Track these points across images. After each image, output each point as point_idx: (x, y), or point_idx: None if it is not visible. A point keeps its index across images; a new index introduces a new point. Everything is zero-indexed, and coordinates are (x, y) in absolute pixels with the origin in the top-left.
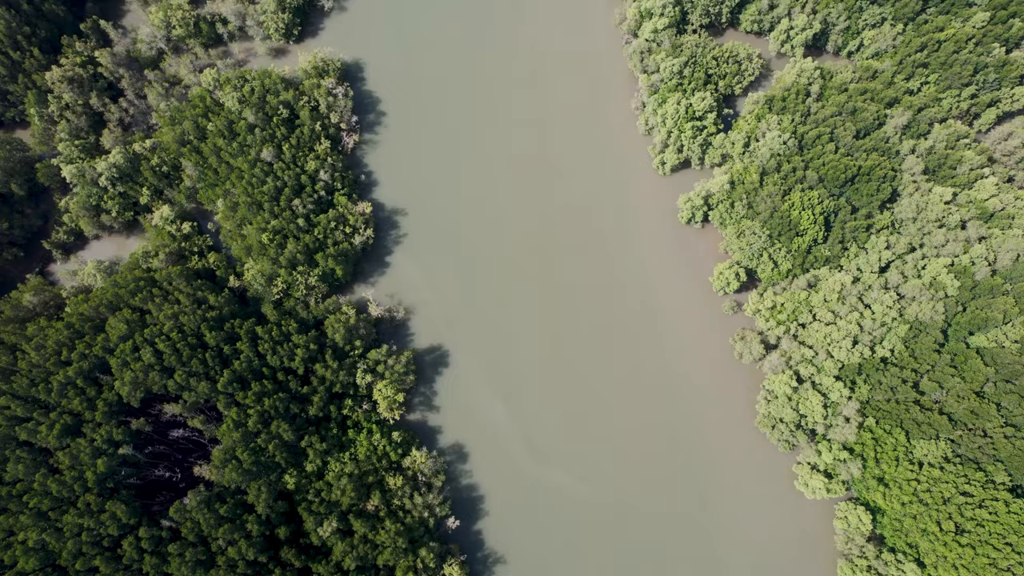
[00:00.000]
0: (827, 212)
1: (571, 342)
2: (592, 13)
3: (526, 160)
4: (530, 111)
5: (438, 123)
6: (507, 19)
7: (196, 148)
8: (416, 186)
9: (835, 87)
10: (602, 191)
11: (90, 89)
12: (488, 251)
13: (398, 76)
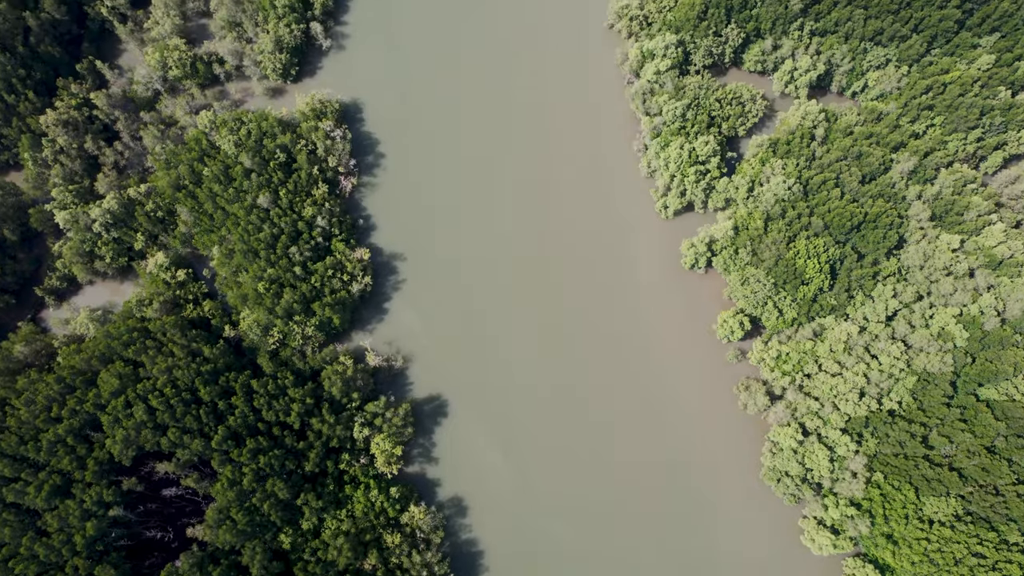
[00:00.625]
0: (833, 260)
1: (572, 390)
2: (594, 52)
3: (526, 204)
4: (530, 153)
5: (437, 164)
6: (507, 58)
7: (191, 193)
8: (415, 230)
9: (840, 130)
10: (604, 235)
11: (85, 132)
12: (487, 297)
13: (397, 116)
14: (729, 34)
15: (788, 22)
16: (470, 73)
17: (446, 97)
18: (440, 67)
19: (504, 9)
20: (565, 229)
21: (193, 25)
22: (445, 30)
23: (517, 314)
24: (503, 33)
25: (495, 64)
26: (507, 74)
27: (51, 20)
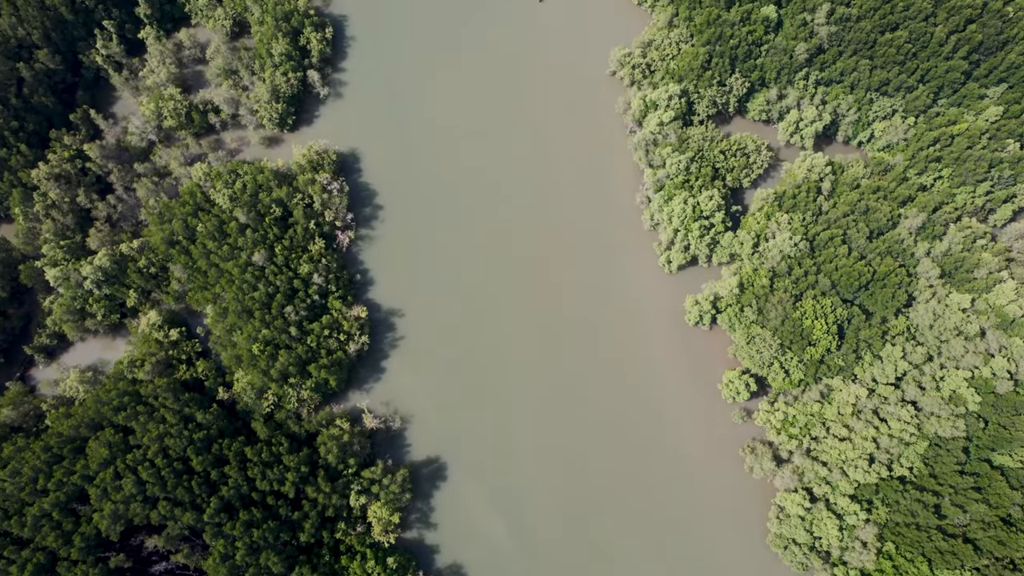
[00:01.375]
0: (840, 320)
1: (574, 451)
2: (595, 100)
3: (527, 258)
4: (532, 204)
5: (436, 217)
6: (507, 106)
7: (185, 249)
8: (414, 284)
9: (847, 183)
10: (606, 290)
11: (78, 185)
12: (488, 354)
13: (395, 166)
14: (733, 84)
15: (793, 72)
16: (469, 121)
17: (445, 147)
18: (439, 116)
19: (504, 56)
20: (567, 283)
21: (189, 72)
22: (444, 77)
23: (518, 372)
24: (503, 81)
25: (495, 112)
26: (507, 122)
27: (45, 70)
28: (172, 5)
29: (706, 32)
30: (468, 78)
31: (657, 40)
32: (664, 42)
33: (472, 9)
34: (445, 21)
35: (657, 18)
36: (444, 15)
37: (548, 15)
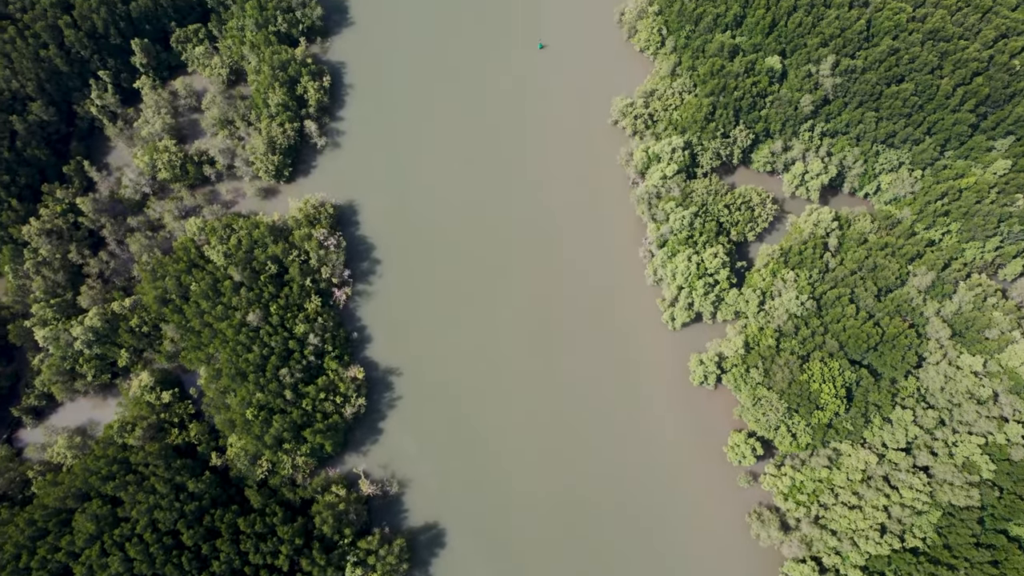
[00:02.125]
0: (849, 383)
1: (576, 516)
2: (597, 150)
3: (528, 313)
4: (533, 257)
5: (435, 271)
6: (508, 156)
7: (178, 308)
8: (412, 342)
9: (854, 238)
10: (608, 346)
11: (70, 240)
12: (487, 415)
13: (394, 218)
14: (737, 135)
15: (798, 123)
16: (468, 172)
17: (444, 198)
18: (438, 166)
19: (504, 104)
20: (568, 339)
21: (184, 121)
22: (443, 126)
23: (518, 432)
24: (503, 130)
25: (494, 162)
26: (508, 173)
27: (39, 122)
28: (168, 53)
29: (709, 83)
30: (468, 127)
31: (660, 90)
32: (667, 92)
33: (472, 56)
34: (445, 68)
35: (659, 66)
36: (444, 62)
37: (549, 62)
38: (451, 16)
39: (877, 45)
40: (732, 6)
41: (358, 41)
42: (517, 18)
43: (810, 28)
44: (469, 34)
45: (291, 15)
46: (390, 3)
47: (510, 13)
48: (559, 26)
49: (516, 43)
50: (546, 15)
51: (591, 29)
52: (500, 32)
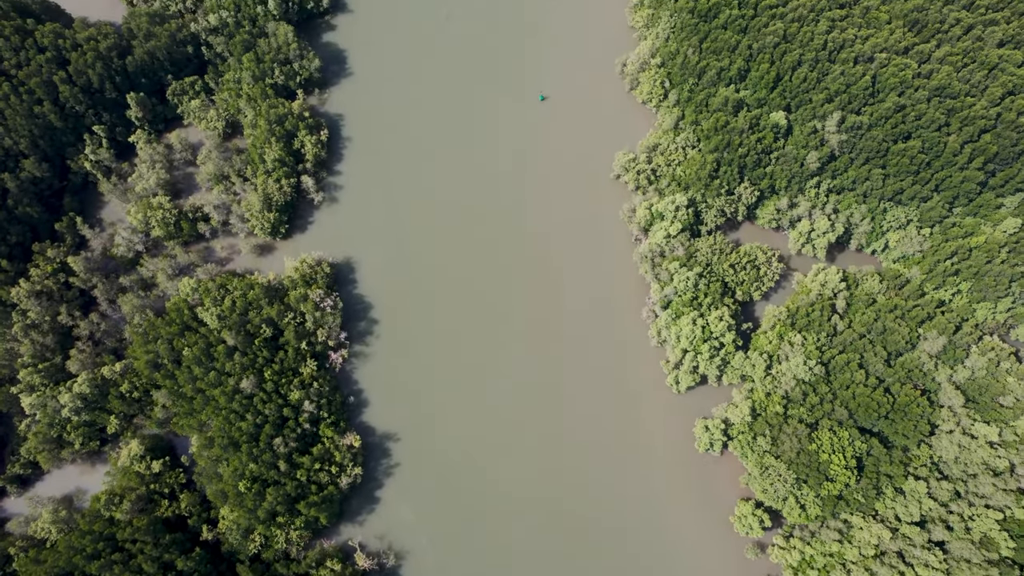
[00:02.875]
0: (859, 454)
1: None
2: (599, 204)
3: (527, 373)
4: (534, 316)
5: (435, 331)
6: (510, 209)
7: (170, 373)
8: (410, 406)
9: (862, 299)
10: (611, 409)
11: (60, 301)
12: (488, 483)
13: (391, 277)
14: (742, 192)
15: (804, 180)
16: (469, 227)
17: (443, 255)
18: (437, 221)
19: (505, 158)
20: (570, 404)
21: (180, 174)
22: (444, 180)
23: (519, 501)
24: (504, 184)
25: (495, 217)
26: (508, 228)
27: (31, 178)
28: (164, 106)
29: (713, 139)
30: (467, 180)
31: (663, 144)
32: (670, 147)
33: (472, 107)
34: (444, 120)
35: (662, 119)
36: (443, 113)
37: (550, 113)
38: (451, 67)
39: (883, 101)
40: (736, 60)
41: (357, 92)
42: (518, 69)
43: (815, 83)
44: (469, 85)
45: (288, 67)
46: (389, 53)
47: (511, 64)
48: (560, 77)
49: (517, 94)
50: (547, 65)
51: (593, 80)
52: (501, 83)
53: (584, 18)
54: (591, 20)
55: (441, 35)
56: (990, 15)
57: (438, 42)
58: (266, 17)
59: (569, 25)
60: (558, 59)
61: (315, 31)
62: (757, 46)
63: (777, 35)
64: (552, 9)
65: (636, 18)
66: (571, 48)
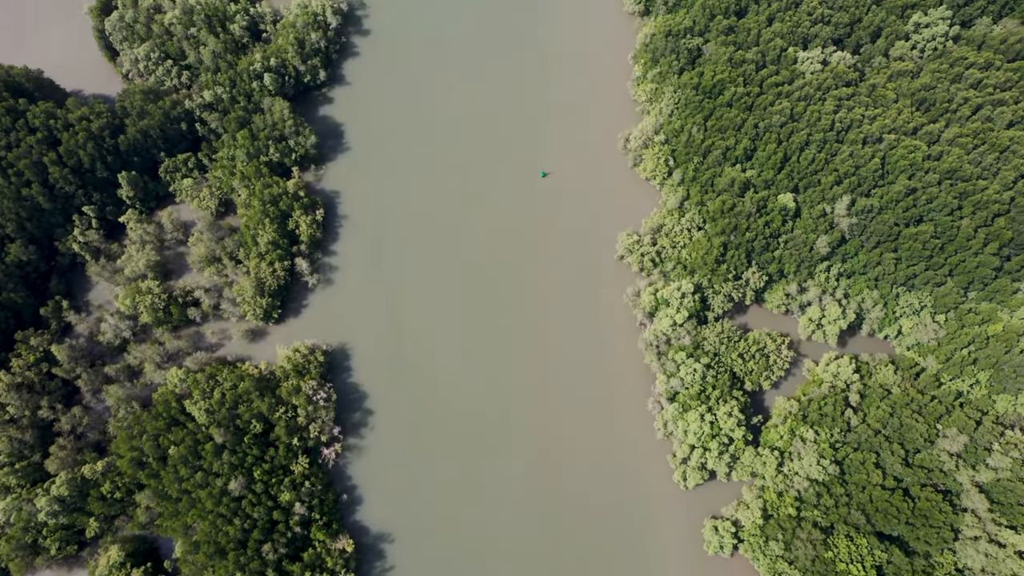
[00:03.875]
0: (880, 563)
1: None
2: (603, 285)
3: (528, 467)
4: (532, 404)
5: (432, 424)
6: (509, 294)
7: (155, 472)
8: (407, 503)
9: (876, 391)
10: (615, 506)
11: (41, 394)
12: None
13: (387, 365)
14: (750, 277)
15: (813, 264)
16: (468, 311)
17: (441, 341)
18: (435, 305)
19: (505, 237)
20: (572, 501)
21: (171, 254)
22: (442, 261)
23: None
24: (504, 264)
25: (494, 300)
26: (507, 310)
27: (17, 262)
28: (156, 183)
29: (720, 222)
30: (466, 260)
31: (667, 225)
32: (675, 228)
33: (472, 184)
34: (445, 197)
35: (666, 198)
36: (444, 190)
37: (551, 190)
38: (451, 141)
39: (893, 184)
40: (742, 140)
41: (354, 167)
42: (519, 143)
43: (823, 165)
44: (469, 161)
45: (284, 144)
46: (388, 127)
47: (512, 138)
48: (562, 151)
49: (518, 169)
50: (548, 139)
51: (595, 155)
52: (501, 159)
53: (586, 91)
54: (593, 93)
55: (441, 108)
56: (998, 94)
57: (438, 115)
58: (262, 92)
59: (571, 98)
60: (560, 133)
61: (312, 104)
62: (763, 125)
63: (784, 114)
64: (554, 82)
65: (639, 92)
66: (573, 122)
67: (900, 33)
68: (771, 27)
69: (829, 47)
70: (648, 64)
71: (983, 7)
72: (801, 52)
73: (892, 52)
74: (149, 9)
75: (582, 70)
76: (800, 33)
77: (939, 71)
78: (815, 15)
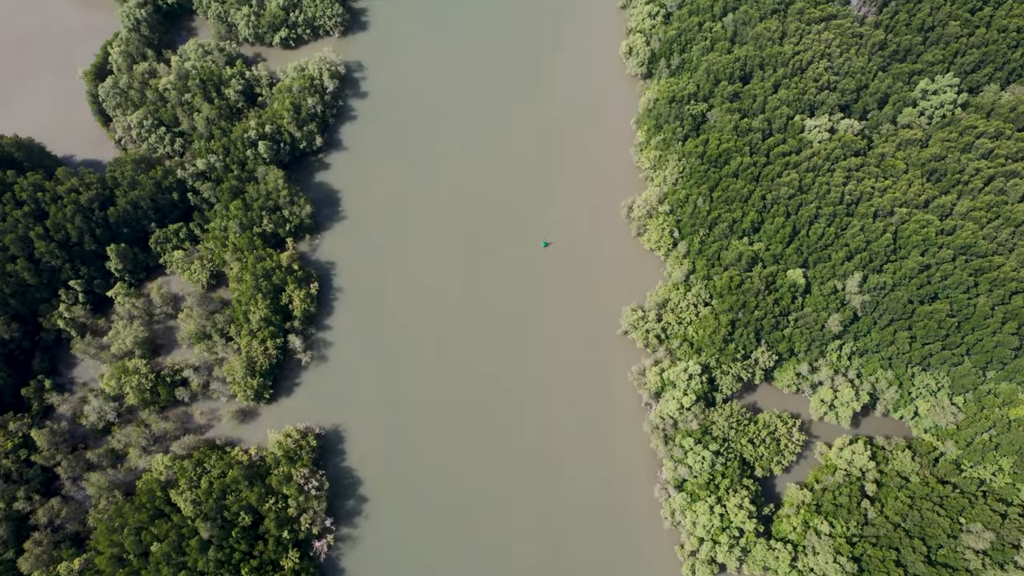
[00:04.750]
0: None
1: None
2: (606, 362)
3: (531, 563)
4: (534, 492)
5: (430, 510)
6: (510, 368)
7: (135, 571)
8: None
9: (894, 479)
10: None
11: (19, 483)
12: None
13: (383, 448)
14: (759, 357)
15: (825, 343)
16: (466, 390)
17: (441, 422)
18: (433, 386)
19: (506, 310)
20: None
21: (160, 328)
22: (440, 337)
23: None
24: (505, 339)
25: (494, 376)
26: (508, 389)
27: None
28: (147, 254)
29: (728, 299)
30: (465, 337)
31: (673, 300)
32: (680, 303)
33: (471, 255)
34: (443, 268)
35: (671, 270)
36: (441, 262)
37: (553, 260)
38: (449, 210)
39: (906, 259)
40: (749, 212)
41: (350, 237)
42: (519, 212)
43: (833, 239)
44: (468, 230)
45: (278, 214)
46: (386, 196)
47: (512, 206)
48: (564, 220)
49: (518, 240)
50: (550, 208)
51: (598, 223)
52: (501, 229)
53: (588, 157)
54: (595, 159)
55: (440, 174)
56: (1010, 165)
57: (436, 181)
58: (256, 161)
59: (573, 164)
60: (561, 200)
61: (307, 169)
62: (771, 197)
63: (792, 186)
64: (554, 147)
65: (642, 159)
66: (575, 188)
67: (907, 100)
68: (777, 94)
69: (836, 114)
70: (651, 130)
71: (990, 74)
72: (808, 120)
73: (900, 119)
74: (144, 74)
75: (584, 135)
76: (806, 100)
77: (948, 140)
78: (821, 81)
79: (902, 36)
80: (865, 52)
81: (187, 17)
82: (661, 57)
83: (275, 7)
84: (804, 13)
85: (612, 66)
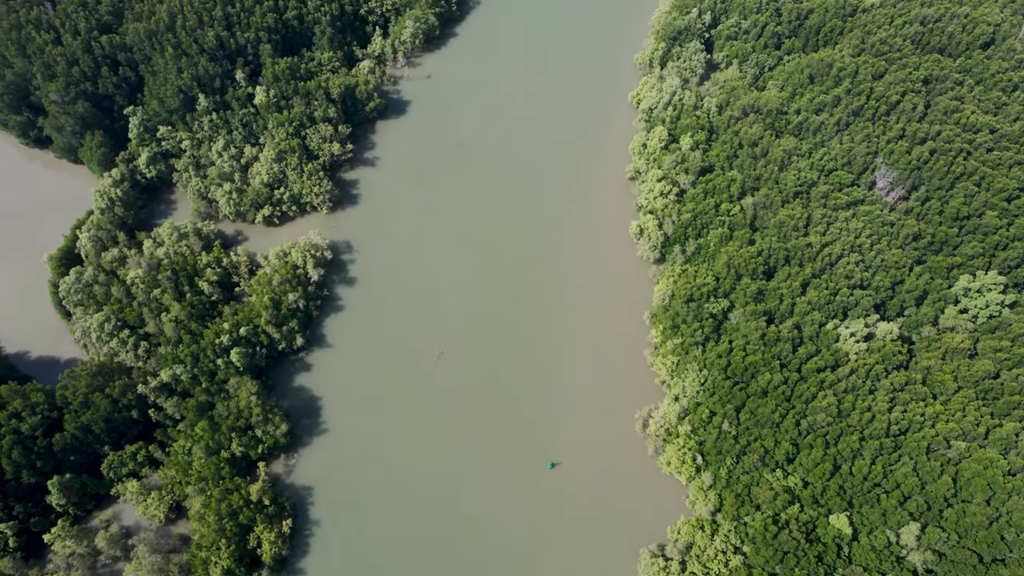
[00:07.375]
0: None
1: None
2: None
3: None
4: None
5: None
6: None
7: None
8: None
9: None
10: None
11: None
12: None
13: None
14: None
15: None
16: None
17: None
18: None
19: (504, 547)
20: None
21: (105, 572)
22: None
23: None
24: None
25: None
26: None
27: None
28: (97, 480)
29: (763, 552)
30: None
31: (699, 544)
32: (708, 550)
33: (468, 480)
34: (436, 495)
35: (696, 505)
36: (434, 487)
37: (562, 484)
38: (445, 424)
39: (969, 503)
40: (782, 441)
41: (331, 455)
42: (522, 426)
43: (880, 478)
44: (465, 449)
45: (249, 435)
46: (372, 404)
47: (514, 423)
48: (572, 436)
49: (521, 461)
50: (556, 421)
51: (609, 440)
52: (501, 447)
53: (599, 359)
54: (606, 362)
55: (434, 378)
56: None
57: (431, 386)
58: (228, 370)
59: (581, 371)
60: (569, 413)
61: (286, 371)
62: (806, 424)
63: (830, 413)
64: (562, 351)
65: (658, 364)
66: (583, 398)
67: (948, 298)
68: (805, 295)
69: (872, 315)
70: (667, 331)
71: None
72: (842, 328)
73: (942, 320)
74: (112, 261)
75: (594, 333)
76: (839, 302)
77: (1000, 349)
78: (853, 279)
79: (936, 227)
80: (898, 243)
81: (167, 190)
82: (675, 243)
83: (259, 184)
84: (829, 198)
85: (622, 246)
